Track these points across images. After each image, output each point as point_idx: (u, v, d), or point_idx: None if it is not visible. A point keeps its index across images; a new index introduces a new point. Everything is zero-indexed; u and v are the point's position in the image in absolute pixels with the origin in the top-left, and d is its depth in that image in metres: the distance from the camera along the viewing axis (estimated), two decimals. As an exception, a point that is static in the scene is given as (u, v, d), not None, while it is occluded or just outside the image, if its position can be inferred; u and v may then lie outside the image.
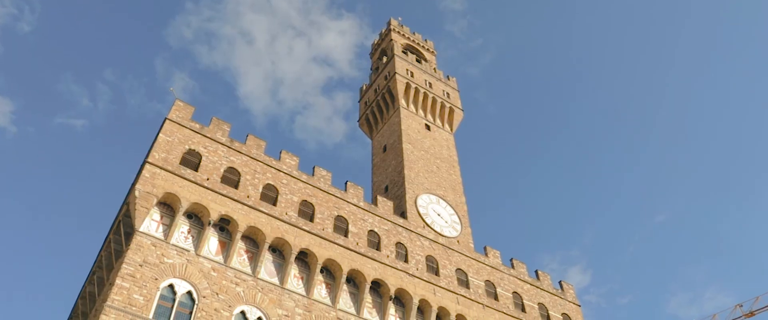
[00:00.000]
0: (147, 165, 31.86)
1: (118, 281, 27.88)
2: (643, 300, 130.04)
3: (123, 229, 31.48)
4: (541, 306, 44.69)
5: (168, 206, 32.08)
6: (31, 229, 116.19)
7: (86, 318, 34.57)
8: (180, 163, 33.50)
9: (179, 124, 35.27)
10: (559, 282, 48.42)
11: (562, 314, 45.40)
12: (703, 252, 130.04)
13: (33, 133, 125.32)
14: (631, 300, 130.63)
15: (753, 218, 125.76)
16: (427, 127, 57.35)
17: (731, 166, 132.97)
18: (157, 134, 33.98)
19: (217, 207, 32.75)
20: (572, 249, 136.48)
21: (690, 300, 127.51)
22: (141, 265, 28.98)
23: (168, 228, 31.25)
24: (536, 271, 47.49)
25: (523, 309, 43.03)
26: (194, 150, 34.78)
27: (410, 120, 56.31)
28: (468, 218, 47.67)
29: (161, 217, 31.52)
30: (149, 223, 30.81)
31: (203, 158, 34.66)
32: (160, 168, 32.17)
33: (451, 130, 59.69)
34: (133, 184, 31.69)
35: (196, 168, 34.03)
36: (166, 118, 34.97)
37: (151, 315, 27.78)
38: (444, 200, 47.42)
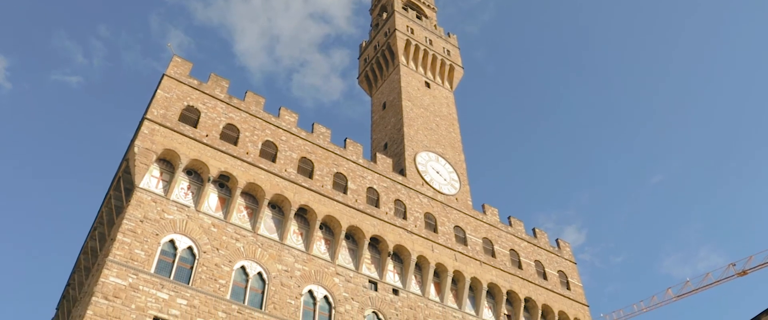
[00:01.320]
0: (146, 122, 31.78)
1: (119, 236, 28.14)
2: (637, 259, 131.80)
3: (123, 185, 31.61)
4: (538, 263, 45.29)
5: (167, 162, 32.14)
6: (31, 186, 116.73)
7: (89, 273, 35.01)
8: (179, 120, 33.42)
9: (177, 80, 35.05)
10: (556, 240, 48.95)
11: (558, 271, 46.03)
12: (697, 212, 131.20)
13: (29, 89, 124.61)
14: (625, 259, 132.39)
15: (749, 180, 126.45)
16: (427, 85, 57.01)
17: (730, 128, 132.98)
18: (155, 90, 33.78)
19: (216, 163, 32.81)
20: (568, 208, 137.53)
21: (683, 259, 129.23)
22: (142, 221, 29.21)
23: (168, 184, 31.38)
24: (534, 229, 47.96)
25: (520, 266, 43.60)
26: (193, 106, 34.64)
27: (410, 77, 55.93)
28: (467, 176, 47.84)
29: (161, 174, 31.62)
30: (149, 180, 30.92)
31: (202, 114, 34.55)
32: (159, 124, 32.09)
33: (451, 87, 59.35)
34: (133, 141, 31.67)
35: (194, 124, 33.96)
36: (164, 74, 34.72)
37: (152, 270, 28.14)
38: (443, 158, 47.50)
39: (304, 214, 35.40)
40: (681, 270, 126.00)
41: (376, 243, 37.46)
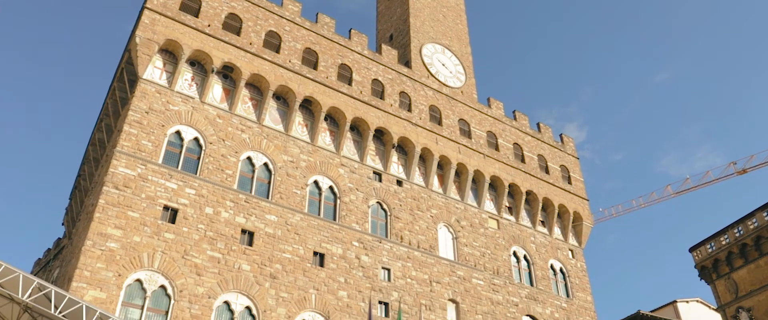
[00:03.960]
0: (146, 11, 31.03)
1: (125, 128, 28.34)
2: (636, 157, 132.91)
3: (126, 77, 31.41)
4: (541, 157, 45.72)
5: (170, 53, 31.72)
6: (36, 78, 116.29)
7: (98, 164, 35.61)
8: (179, 9, 32.60)
9: (176, -33, 33.78)
10: (560, 135, 49.12)
11: (560, 166, 46.55)
12: (699, 112, 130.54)
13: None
14: (624, 156, 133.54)
15: (753, 80, 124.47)
16: (434, -26, 54.89)
17: (736, 26, 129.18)
18: (154, -23, 32.66)
19: (219, 54, 32.38)
20: (570, 105, 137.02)
21: (681, 158, 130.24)
22: (147, 112, 29.29)
23: (171, 75, 31.15)
24: (538, 124, 48.01)
25: (523, 160, 44.07)
26: (193, -5, 33.64)
27: (416, -34, 53.75)
28: (473, 69, 47.25)
29: (164, 65, 31.30)
30: (152, 71, 30.67)
31: (203, 4, 33.65)
32: (160, 14, 31.35)
33: (459, -23, 57.16)
34: (133, 31, 31.08)
35: (196, 14, 33.17)
36: (161, -39, 33.41)
37: (160, 160, 28.57)
38: (449, 50, 46.70)
39: (308, 106, 35.37)
40: (679, 169, 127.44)
41: (380, 135, 37.70)
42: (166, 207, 27.50)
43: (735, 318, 35.13)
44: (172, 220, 27.40)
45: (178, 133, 30.02)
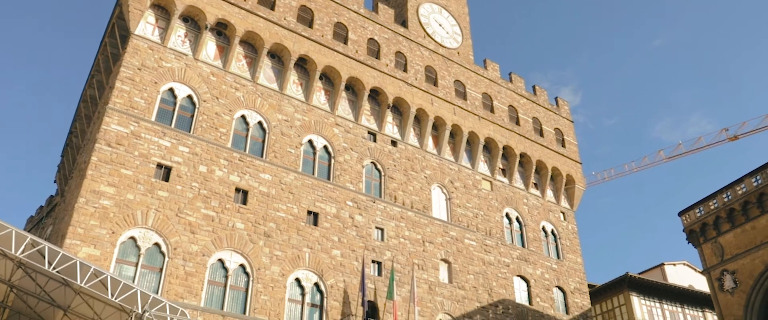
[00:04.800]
0: (136, -36, 30.24)
1: (117, 84, 27.96)
2: (629, 122, 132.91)
3: (118, 32, 30.84)
4: (535, 120, 45.66)
5: (163, 9, 31.09)
6: (24, 33, 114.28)
7: (90, 121, 35.26)
8: (171, -38, 31.79)
9: None
10: (555, 98, 48.98)
11: (555, 129, 46.56)
12: (692, 78, 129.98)
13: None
14: (618, 121, 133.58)
15: (748, 46, 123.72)
16: (432, -69, 53.71)
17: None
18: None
19: (213, 10, 31.77)
20: (566, 69, 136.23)
21: (674, 125, 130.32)
22: (139, 69, 28.86)
23: (164, 31, 30.61)
24: (534, 86, 47.78)
25: (518, 122, 44.01)
26: (185, -52, 32.78)
27: None
28: (469, 30, 46.70)
29: (157, 20, 30.71)
30: (145, 26, 30.11)
31: (195, -43, 32.81)
32: (151, -33, 30.58)
33: (457, -66, 55.99)
34: (124, -16, 30.36)
35: (188, -32, 32.36)
36: None
37: (153, 118, 28.29)
38: (446, 10, 46.04)
39: (303, 64, 34.97)
40: (671, 135, 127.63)
41: (375, 95, 37.43)
42: (159, 165, 27.37)
43: (719, 281, 35.74)
44: (166, 178, 27.31)
45: (171, 90, 29.66)
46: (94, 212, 24.52)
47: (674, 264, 52.74)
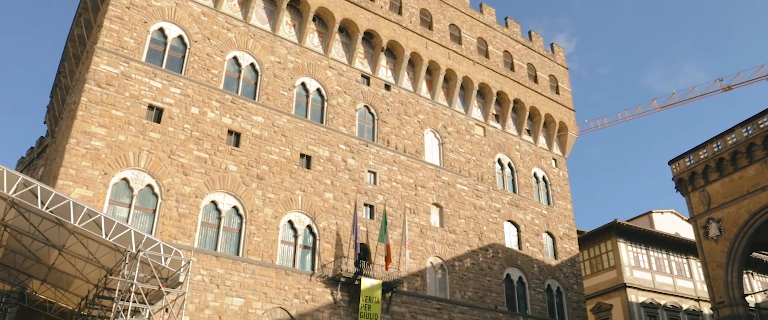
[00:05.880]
0: None
1: (105, 23, 27.34)
2: (622, 71, 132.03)
3: (105, -32, 29.94)
4: (530, 66, 45.29)
5: (150, -56, 30.06)
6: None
7: (79, 61, 34.64)
8: None
9: None
10: (551, 45, 48.47)
11: (549, 76, 46.26)
12: (687, 28, 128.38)
13: None
14: (611, 70, 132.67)
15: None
16: None
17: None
18: None
19: (202, -53, 30.79)
20: (561, 15, 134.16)
21: (667, 74, 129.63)
22: (128, 7, 28.17)
23: (152, -32, 29.70)
24: (530, 32, 47.17)
25: (513, 68, 43.64)
26: None
27: None
28: (466, -28, 45.66)
29: (144, -44, 29.77)
30: (132, -37, 29.19)
31: None
32: None
33: None
34: None
35: None
36: None
37: (143, 58, 27.82)
38: (442, -49, 44.82)
39: (296, 5, 34.23)
40: (664, 85, 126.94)
41: (369, 37, 36.86)
42: (150, 107, 27.08)
43: (705, 229, 36.35)
44: (158, 120, 27.08)
45: (161, 30, 29.06)
46: (85, 153, 24.39)
47: (662, 213, 53.52)
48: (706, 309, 44.55)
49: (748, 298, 35.90)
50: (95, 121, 25.14)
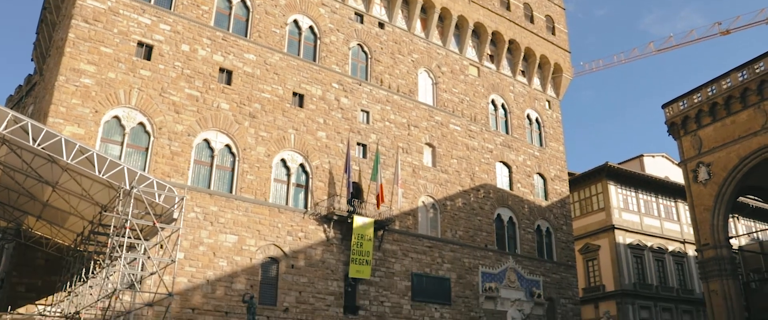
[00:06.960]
0: None
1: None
2: (619, 14, 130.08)
3: None
4: (526, 6, 44.52)
5: None
6: None
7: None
8: None
9: None
10: (548, -18, 47.50)
11: (546, 16, 45.57)
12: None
13: None
14: (607, 12, 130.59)
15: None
16: None
17: None
18: None
19: None
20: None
21: (664, 17, 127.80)
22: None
23: None
24: (527, -30, 46.09)
25: (508, 8, 42.90)
26: None
27: None
28: None
29: None
30: None
31: None
32: None
33: None
34: None
35: None
36: None
37: (131, -8, 27.06)
38: None
39: (288, -60, 33.21)
40: (660, 28, 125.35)
41: (363, -25, 36.02)
42: (140, 43, 26.63)
43: (694, 172, 36.69)
44: (148, 57, 26.68)
45: (148, -37, 28.22)
46: (75, 91, 24.11)
47: (653, 156, 53.89)
48: (691, 250, 45.54)
49: (732, 241, 36.64)
50: (84, 58, 24.75)
